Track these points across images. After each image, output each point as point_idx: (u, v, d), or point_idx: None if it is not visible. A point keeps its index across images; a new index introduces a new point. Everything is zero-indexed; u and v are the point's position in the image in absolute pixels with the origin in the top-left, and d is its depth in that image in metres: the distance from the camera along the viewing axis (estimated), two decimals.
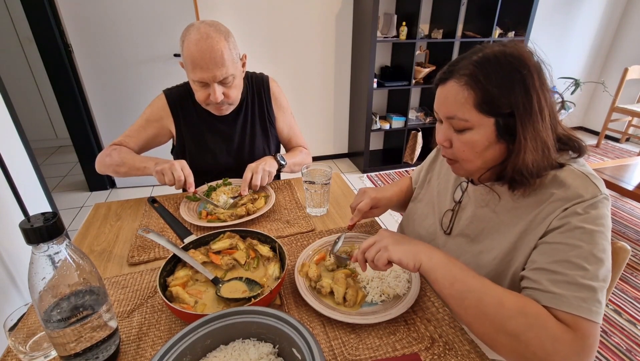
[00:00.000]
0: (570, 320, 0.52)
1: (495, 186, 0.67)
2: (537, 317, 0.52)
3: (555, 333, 0.51)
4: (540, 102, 0.57)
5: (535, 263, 0.59)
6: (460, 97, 0.59)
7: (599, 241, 0.54)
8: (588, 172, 0.60)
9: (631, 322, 1.62)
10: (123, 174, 1.07)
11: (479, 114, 0.58)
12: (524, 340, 0.51)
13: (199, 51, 0.94)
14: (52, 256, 0.48)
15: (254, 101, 1.21)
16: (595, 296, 0.52)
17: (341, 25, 2.91)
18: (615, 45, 3.77)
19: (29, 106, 3.42)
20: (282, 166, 1.13)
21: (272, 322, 0.51)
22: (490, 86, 0.56)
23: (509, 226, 0.65)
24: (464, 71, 0.58)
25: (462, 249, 0.73)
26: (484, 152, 0.61)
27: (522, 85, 0.56)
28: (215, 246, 0.77)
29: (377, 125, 3.06)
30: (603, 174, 2.15)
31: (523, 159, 0.58)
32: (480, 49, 0.60)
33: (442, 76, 0.62)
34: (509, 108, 0.57)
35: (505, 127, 0.58)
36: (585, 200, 0.56)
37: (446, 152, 0.66)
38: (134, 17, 2.33)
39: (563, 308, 0.52)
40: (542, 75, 0.58)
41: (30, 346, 0.58)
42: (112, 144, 1.13)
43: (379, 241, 0.64)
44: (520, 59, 0.57)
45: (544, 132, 0.58)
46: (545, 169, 0.60)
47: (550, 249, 0.57)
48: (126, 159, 1.06)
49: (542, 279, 0.56)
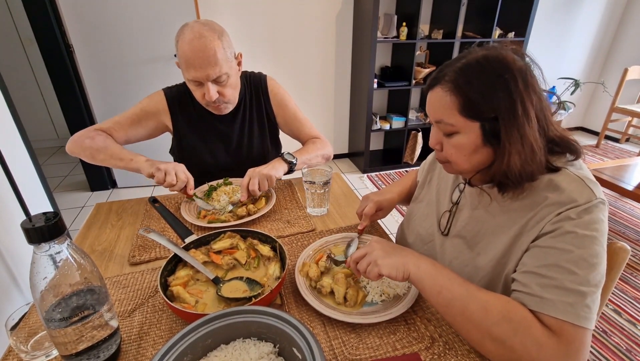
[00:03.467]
0: (555, 324, 0.52)
1: (486, 188, 0.68)
2: (522, 323, 0.52)
3: (540, 339, 0.51)
4: (525, 106, 0.56)
5: (525, 266, 0.59)
6: (445, 103, 0.60)
7: (591, 246, 0.54)
8: (584, 176, 0.59)
9: (631, 322, 1.62)
10: (99, 161, 1.02)
11: (463, 119, 0.59)
12: (510, 345, 0.52)
13: (192, 50, 0.94)
14: (54, 255, 0.48)
15: (252, 100, 1.20)
16: (584, 301, 0.51)
17: (341, 26, 2.91)
18: (615, 45, 3.77)
19: (30, 105, 3.43)
20: (293, 165, 1.08)
21: (272, 322, 0.51)
22: (472, 92, 0.57)
23: (503, 228, 0.65)
24: (448, 77, 0.60)
25: (458, 250, 0.73)
26: (472, 155, 0.62)
27: (505, 90, 0.56)
28: (216, 246, 0.78)
29: (377, 125, 3.06)
30: (603, 174, 2.15)
31: (508, 163, 0.58)
32: (465, 55, 0.61)
33: (431, 82, 0.64)
34: (493, 113, 0.57)
35: (491, 131, 0.58)
36: (579, 205, 0.55)
37: (438, 154, 0.68)
38: (135, 17, 2.33)
39: (549, 312, 0.52)
40: (527, 78, 0.57)
41: (31, 346, 0.58)
42: (98, 128, 1.08)
43: (369, 253, 0.64)
44: (503, 62, 0.57)
45: (530, 135, 0.57)
46: (534, 173, 0.59)
47: (541, 253, 0.57)
48: (110, 147, 1.02)
49: (531, 283, 0.56)
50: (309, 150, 1.17)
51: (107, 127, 1.09)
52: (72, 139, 1.05)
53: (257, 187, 0.98)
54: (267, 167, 1.03)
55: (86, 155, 1.03)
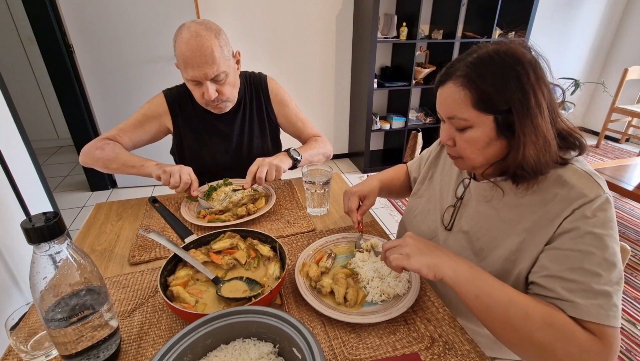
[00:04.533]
0: (595, 328, 0.52)
1: (498, 182, 0.68)
2: (564, 328, 0.53)
3: (583, 343, 0.51)
4: (537, 97, 0.57)
5: (547, 270, 0.58)
6: (458, 97, 0.60)
7: (610, 245, 0.55)
8: (591, 171, 0.60)
9: (631, 322, 1.62)
10: (113, 170, 1.04)
11: (477, 113, 0.59)
12: (551, 350, 0.52)
13: (189, 50, 0.94)
14: (54, 255, 0.48)
15: (252, 100, 1.20)
16: (612, 301, 0.53)
17: (341, 26, 2.91)
18: (615, 45, 3.76)
19: (30, 105, 3.43)
20: (297, 161, 1.08)
21: (272, 322, 0.51)
22: (485, 85, 0.58)
23: (510, 224, 0.65)
24: (460, 72, 0.60)
25: (462, 245, 0.74)
26: (486, 148, 0.62)
27: (517, 81, 0.57)
28: (216, 246, 0.77)
29: (378, 125, 3.06)
30: (603, 174, 2.15)
31: (523, 154, 0.58)
32: (476, 50, 0.62)
33: (441, 78, 0.64)
34: (506, 105, 0.58)
35: (505, 124, 0.59)
36: (591, 200, 0.56)
37: (450, 150, 0.68)
38: (136, 17, 2.33)
39: (585, 317, 0.53)
40: (538, 70, 0.58)
41: (31, 346, 0.58)
42: (105, 138, 1.10)
43: (402, 246, 0.63)
44: (514, 56, 0.58)
45: (543, 126, 0.58)
46: (548, 164, 0.60)
47: (562, 256, 0.57)
48: (120, 155, 1.05)
49: (556, 287, 0.56)
50: (311, 147, 1.18)
51: (113, 135, 1.11)
52: (83, 152, 1.08)
53: (264, 175, 0.98)
54: (276, 158, 1.03)
55: (99, 165, 1.06)
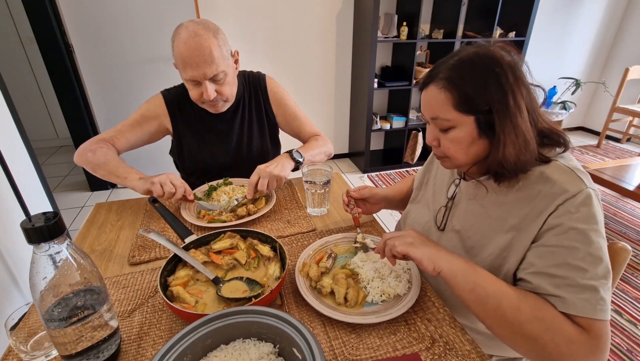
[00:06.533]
0: (584, 322, 0.54)
1: (482, 180, 0.70)
2: (552, 320, 0.54)
3: (570, 335, 0.53)
4: (516, 98, 0.59)
5: (534, 267, 0.60)
6: (440, 99, 0.62)
7: (594, 239, 0.56)
8: (574, 166, 0.62)
9: (631, 322, 1.62)
10: (100, 175, 1.03)
11: (459, 114, 0.61)
12: (541, 342, 0.54)
13: (187, 50, 0.94)
14: (53, 255, 0.48)
15: (251, 99, 1.20)
16: (599, 295, 0.54)
17: (342, 25, 2.91)
18: (616, 45, 3.76)
19: (30, 105, 3.43)
20: (300, 163, 1.08)
21: (272, 322, 0.51)
22: (466, 86, 0.60)
23: (498, 221, 0.67)
24: (442, 75, 0.62)
25: (454, 244, 0.75)
26: (469, 148, 0.64)
27: (497, 83, 0.59)
28: (215, 246, 0.77)
29: (378, 125, 3.06)
30: (604, 174, 2.15)
31: (503, 153, 0.60)
32: (457, 53, 0.64)
33: (424, 80, 0.66)
34: (487, 105, 0.59)
35: (486, 124, 0.61)
36: (573, 195, 0.58)
37: (436, 150, 0.70)
38: (136, 17, 2.33)
39: (572, 311, 0.54)
40: (517, 72, 0.60)
41: (31, 346, 0.58)
42: (101, 139, 1.08)
43: (405, 236, 0.66)
44: (493, 58, 0.60)
45: (522, 126, 0.60)
46: (529, 163, 0.62)
47: (548, 252, 0.59)
48: (109, 162, 1.03)
49: (543, 284, 0.58)
50: (313, 147, 1.17)
51: (110, 137, 1.10)
52: (77, 152, 1.07)
53: (265, 187, 0.98)
54: (277, 167, 1.01)
55: (89, 168, 1.05)
